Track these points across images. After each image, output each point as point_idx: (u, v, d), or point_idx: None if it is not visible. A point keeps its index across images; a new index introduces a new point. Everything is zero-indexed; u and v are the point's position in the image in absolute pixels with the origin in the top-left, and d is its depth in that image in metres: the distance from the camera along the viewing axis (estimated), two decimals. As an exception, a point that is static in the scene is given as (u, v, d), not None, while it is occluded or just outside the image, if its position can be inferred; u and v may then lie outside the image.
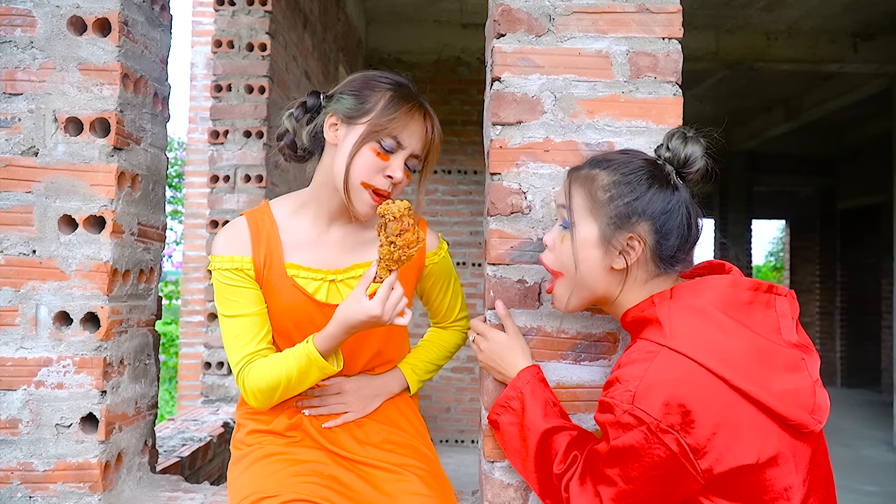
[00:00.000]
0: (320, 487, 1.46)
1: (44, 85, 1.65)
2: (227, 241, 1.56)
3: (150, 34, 1.81)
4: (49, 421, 1.62)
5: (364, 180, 1.50)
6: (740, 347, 1.20)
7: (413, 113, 1.52)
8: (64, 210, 1.64)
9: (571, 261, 1.34)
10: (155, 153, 1.86)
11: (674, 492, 1.19)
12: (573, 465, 1.33)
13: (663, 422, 1.15)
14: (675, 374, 1.17)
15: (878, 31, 6.17)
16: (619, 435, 1.19)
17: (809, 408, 1.19)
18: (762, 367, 1.19)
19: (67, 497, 1.62)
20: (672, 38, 1.56)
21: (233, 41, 3.39)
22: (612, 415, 1.20)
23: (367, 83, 1.55)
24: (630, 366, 1.22)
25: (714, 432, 1.14)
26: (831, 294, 11.21)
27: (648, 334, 1.26)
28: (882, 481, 5.59)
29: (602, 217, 1.31)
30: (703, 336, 1.21)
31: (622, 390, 1.20)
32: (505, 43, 1.56)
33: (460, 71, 6.22)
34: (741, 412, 1.16)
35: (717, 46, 6.20)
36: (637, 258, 1.31)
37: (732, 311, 1.25)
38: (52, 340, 1.63)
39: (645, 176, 1.32)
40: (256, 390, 1.51)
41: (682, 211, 1.32)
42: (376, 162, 1.50)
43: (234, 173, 3.41)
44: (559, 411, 1.43)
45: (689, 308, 1.25)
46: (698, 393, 1.16)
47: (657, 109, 1.55)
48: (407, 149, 1.52)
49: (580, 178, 1.36)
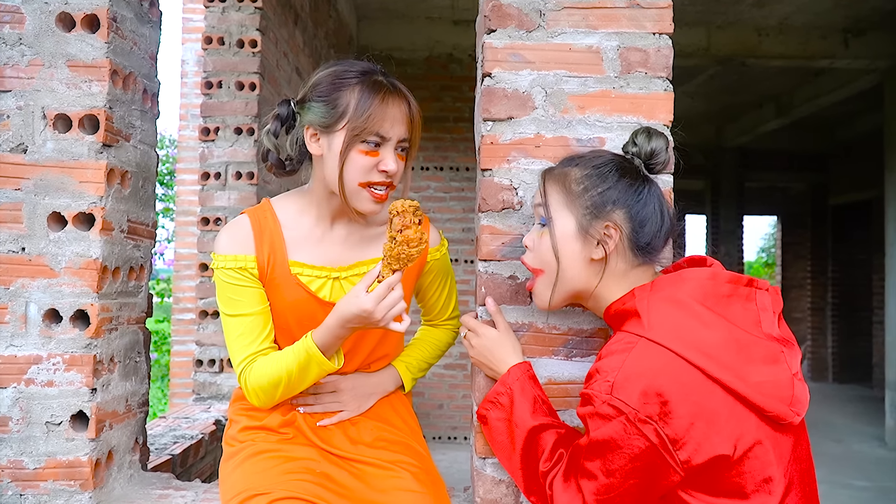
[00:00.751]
0: (312, 485, 1.45)
1: (32, 82, 1.64)
2: (230, 239, 1.55)
3: (139, 30, 1.80)
4: (39, 419, 1.62)
5: (360, 181, 1.49)
6: (718, 338, 1.22)
7: (387, 100, 1.48)
8: (53, 207, 1.63)
9: (551, 256, 1.36)
10: (144, 150, 1.85)
11: (654, 485, 1.20)
12: (558, 462, 1.34)
13: (641, 412, 1.16)
14: (653, 365, 1.19)
15: (869, 26, 6.19)
16: (599, 426, 1.21)
17: (787, 400, 1.20)
18: (740, 359, 1.21)
19: (58, 495, 1.61)
20: (663, 34, 1.56)
21: (223, 38, 3.38)
22: (592, 406, 1.22)
23: (334, 84, 1.50)
24: (609, 357, 1.24)
25: (692, 422, 1.15)
26: (822, 290, 11.26)
27: (629, 327, 1.28)
28: (873, 476, 5.61)
29: (578, 208, 1.34)
30: (682, 327, 1.22)
31: (601, 381, 1.21)
32: (496, 38, 1.56)
33: (452, 68, 6.21)
34: (718, 402, 1.17)
35: (708, 42, 6.20)
36: (615, 246, 1.33)
37: (711, 303, 1.27)
38: (42, 338, 1.62)
39: (615, 167, 1.37)
40: (258, 388, 1.50)
41: (653, 200, 1.37)
42: (367, 161, 1.48)
43: (225, 170, 3.40)
44: (548, 409, 1.44)
45: (667, 299, 1.27)
46: (676, 383, 1.17)
47: (648, 105, 1.56)
48: (392, 138, 1.50)
49: (554, 176, 1.40)
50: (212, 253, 1.57)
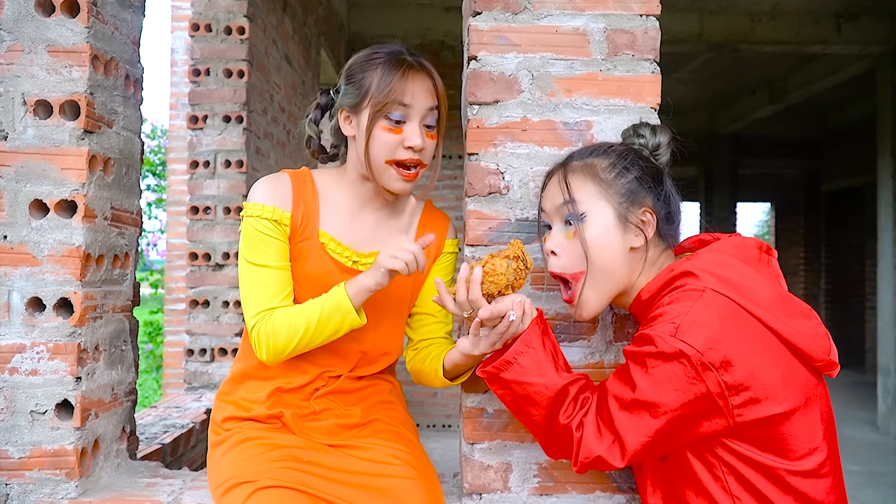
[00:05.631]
0: (299, 473, 1.44)
1: (12, 67, 1.62)
2: (270, 191, 1.56)
3: (121, 15, 1.78)
4: (24, 408, 1.60)
5: (387, 159, 1.51)
6: (767, 293, 1.26)
7: (408, 73, 1.50)
8: (35, 195, 1.61)
9: (596, 252, 1.33)
10: (128, 136, 1.83)
11: (697, 428, 1.21)
12: (584, 406, 1.32)
13: (705, 356, 1.17)
14: (721, 313, 1.21)
15: (862, 11, 6.17)
16: (658, 365, 1.20)
17: (827, 350, 1.26)
18: (787, 312, 1.26)
19: (44, 484, 1.60)
20: (650, 15, 1.55)
21: (210, 24, 3.34)
22: (653, 346, 1.21)
23: (360, 66, 1.55)
24: (674, 303, 1.25)
25: (752, 372, 1.18)
26: (816, 276, 11.29)
27: (684, 287, 1.27)
28: (865, 461, 5.64)
29: (614, 197, 1.34)
30: (737, 283, 1.25)
31: (665, 322, 1.22)
32: (481, 21, 1.54)
33: (444, 55, 6.18)
34: (775, 353, 1.21)
35: (700, 28, 6.18)
36: (653, 232, 1.35)
37: (750, 263, 1.32)
38: (26, 326, 1.61)
39: (636, 155, 1.38)
40: (273, 335, 1.48)
41: (671, 186, 1.40)
42: (391, 138, 1.50)
43: (213, 159, 3.37)
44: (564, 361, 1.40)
45: (715, 261, 1.30)
46: (739, 332, 1.20)
47: (635, 87, 1.54)
48: (416, 111, 1.50)
49: (577, 170, 1.38)
50: (244, 203, 1.57)
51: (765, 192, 12.59)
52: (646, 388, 1.21)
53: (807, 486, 1.20)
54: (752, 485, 1.21)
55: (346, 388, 1.62)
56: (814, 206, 11.26)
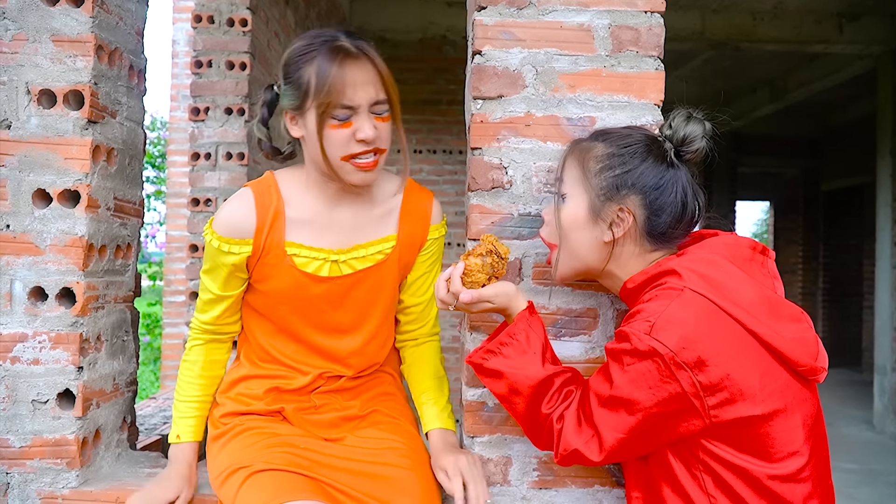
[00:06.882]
0: (295, 457, 1.46)
1: (16, 56, 1.62)
2: (231, 221, 1.51)
3: (125, 5, 1.78)
4: (25, 397, 1.60)
5: (342, 156, 1.44)
6: (752, 295, 1.25)
7: (344, 66, 1.40)
8: (38, 184, 1.61)
9: (562, 231, 1.37)
10: (131, 127, 1.83)
11: (674, 428, 1.21)
12: (566, 399, 1.34)
13: (678, 356, 1.17)
14: (697, 312, 1.20)
15: (864, 11, 6.17)
16: (633, 363, 1.21)
17: (814, 356, 1.25)
18: (771, 315, 1.25)
19: (45, 473, 1.60)
20: (654, 12, 1.55)
21: (213, 16, 3.34)
22: (629, 343, 1.22)
23: (295, 62, 1.45)
24: (652, 301, 1.25)
25: (727, 373, 1.17)
26: (814, 275, 11.29)
27: (665, 285, 1.27)
28: (861, 459, 5.66)
29: (593, 188, 1.34)
30: (720, 283, 1.25)
31: (641, 321, 1.22)
32: (486, 16, 1.54)
33: (446, 49, 6.17)
34: (754, 356, 1.20)
35: (702, 26, 6.17)
36: (626, 231, 1.33)
37: (739, 263, 1.31)
38: (28, 316, 1.61)
39: (641, 150, 1.35)
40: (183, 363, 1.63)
41: (677, 188, 1.35)
42: (342, 134, 1.43)
43: (215, 151, 3.37)
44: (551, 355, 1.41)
45: (702, 259, 1.29)
46: (716, 333, 1.19)
47: (639, 84, 1.54)
48: (361, 104, 1.42)
49: (577, 150, 1.39)
50: (210, 221, 1.54)
51: (764, 191, 12.59)
52: (622, 384, 1.22)
53: (784, 490, 1.19)
54: (729, 486, 1.20)
55: (345, 386, 1.63)
56: (813, 205, 11.26)
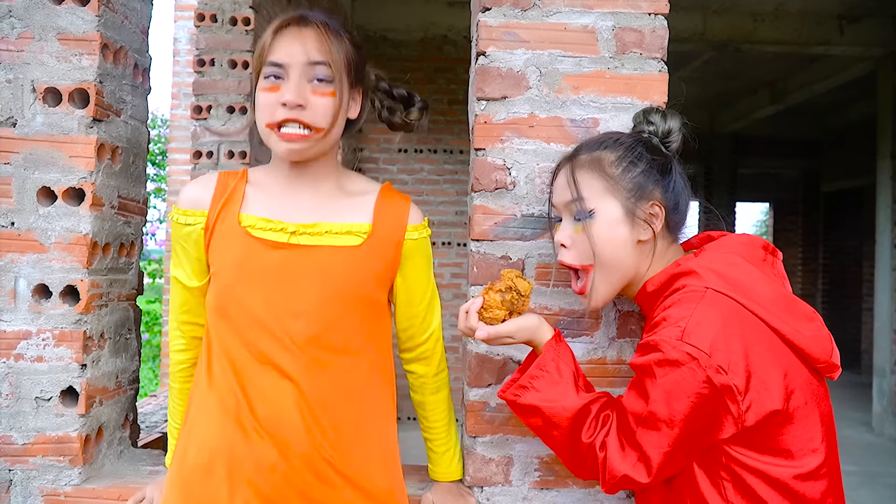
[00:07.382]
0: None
1: (22, 55, 1.62)
2: (190, 192, 1.44)
3: (131, 4, 1.78)
4: (29, 394, 1.61)
5: (267, 122, 1.35)
6: (770, 293, 1.26)
7: (282, 28, 1.35)
8: (43, 182, 1.62)
9: (602, 247, 1.33)
10: (135, 125, 1.83)
11: (708, 437, 1.19)
12: (605, 424, 1.29)
13: (714, 358, 1.15)
14: (723, 312, 1.20)
15: (864, 13, 6.18)
16: (667, 373, 1.18)
17: (829, 353, 1.26)
18: (790, 313, 1.26)
19: (47, 470, 1.61)
20: (658, 14, 1.55)
21: (216, 15, 3.34)
22: (660, 353, 1.19)
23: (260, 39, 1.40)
24: (676, 306, 1.23)
25: (754, 372, 1.18)
26: (813, 276, 11.31)
27: (685, 289, 1.27)
28: (860, 461, 5.67)
29: (621, 192, 1.34)
30: (739, 281, 1.25)
31: (670, 327, 1.20)
32: (490, 17, 1.55)
33: (447, 49, 6.17)
34: (777, 353, 1.21)
35: (703, 27, 6.18)
36: (661, 225, 1.35)
37: (754, 262, 1.32)
38: (32, 313, 1.62)
39: (644, 147, 1.37)
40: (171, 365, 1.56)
41: (681, 178, 1.40)
42: (268, 98, 1.34)
43: (217, 149, 3.38)
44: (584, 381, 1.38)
45: (719, 259, 1.30)
46: (744, 332, 1.19)
47: (642, 86, 1.55)
48: (294, 67, 1.33)
49: (584, 165, 1.37)
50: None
51: (763, 192, 12.59)
52: (658, 398, 1.19)
53: (805, 488, 1.19)
54: (751, 489, 1.19)
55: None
56: (812, 206, 11.28)
